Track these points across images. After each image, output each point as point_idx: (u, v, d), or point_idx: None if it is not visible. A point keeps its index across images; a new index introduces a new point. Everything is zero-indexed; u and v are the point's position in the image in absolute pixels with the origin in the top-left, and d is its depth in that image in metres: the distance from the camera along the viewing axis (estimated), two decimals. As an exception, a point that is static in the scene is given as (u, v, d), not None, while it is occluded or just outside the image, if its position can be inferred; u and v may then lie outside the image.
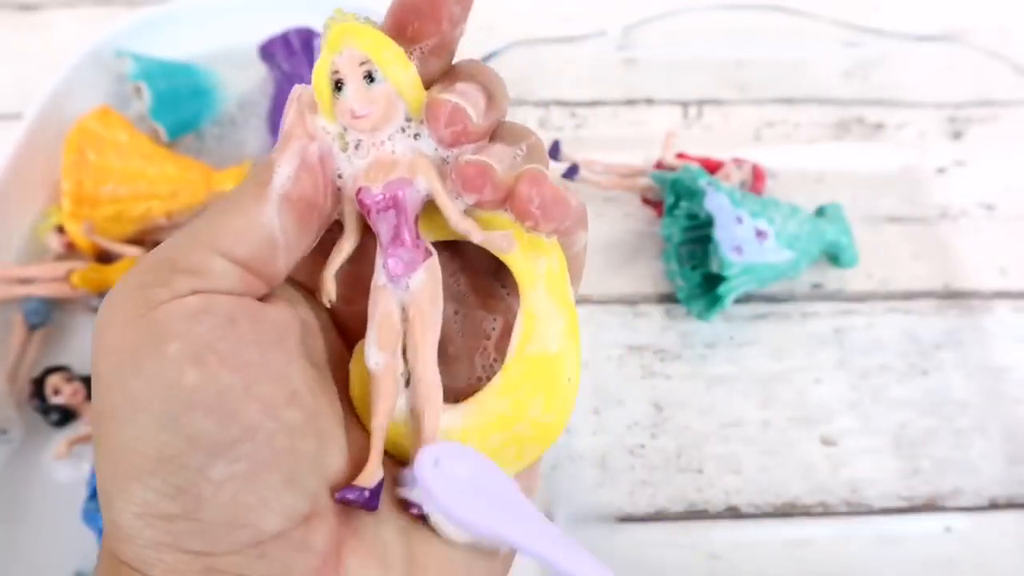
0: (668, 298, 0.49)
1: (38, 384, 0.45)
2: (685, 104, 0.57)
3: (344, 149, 0.22)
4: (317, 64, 0.21)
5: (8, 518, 0.42)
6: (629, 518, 0.43)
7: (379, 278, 0.22)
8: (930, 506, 0.44)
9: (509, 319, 0.23)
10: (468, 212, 0.21)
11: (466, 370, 0.24)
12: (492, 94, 0.22)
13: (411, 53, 0.21)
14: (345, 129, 0.22)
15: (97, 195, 0.49)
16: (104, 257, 0.49)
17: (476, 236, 0.21)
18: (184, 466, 0.19)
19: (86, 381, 0.45)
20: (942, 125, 0.56)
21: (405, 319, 0.22)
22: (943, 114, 0.56)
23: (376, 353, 0.22)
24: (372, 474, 0.21)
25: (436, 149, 0.22)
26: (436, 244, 0.23)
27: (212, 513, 0.19)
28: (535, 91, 0.56)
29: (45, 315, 0.47)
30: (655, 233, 0.51)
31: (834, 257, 0.50)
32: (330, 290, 0.22)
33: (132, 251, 0.48)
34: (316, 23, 0.54)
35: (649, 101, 0.57)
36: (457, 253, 0.24)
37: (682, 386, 0.47)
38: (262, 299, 0.22)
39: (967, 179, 0.54)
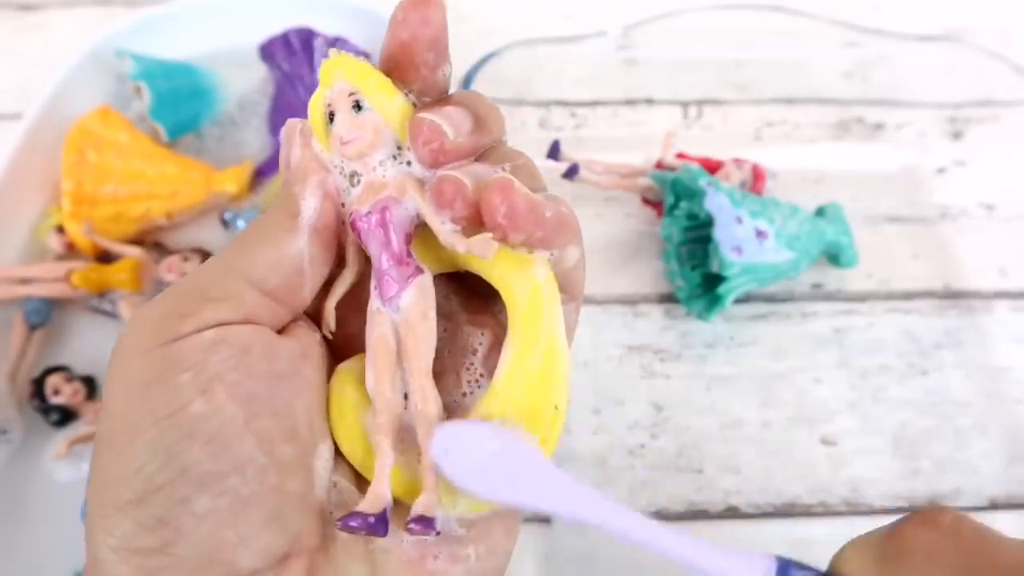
0: (668, 298, 0.49)
1: (38, 384, 0.45)
2: (685, 104, 0.57)
3: (347, 180, 0.22)
4: (312, 99, 0.22)
5: (8, 518, 0.42)
6: (629, 518, 0.42)
7: (373, 302, 0.22)
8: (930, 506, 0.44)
9: (499, 335, 0.23)
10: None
11: (452, 385, 0.24)
12: (481, 118, 0.22)
13: (406, 93, 0.22)
14: (342, 163, 0.22)
15: (97, 195, 0.49)
16: (104, 257, 0.49)
17: (460, 246, 0.21)
18: (169, 496, 0.19)
19: (86, 381, 0.45)
20: (942, 125, 0.56)
21: (398, 339, 0.22)
22: (943, 114, 0.56)
23: (372, 375, 0.22)
24: (378, 498, 0.21)
25: (425, 173, 0.22)
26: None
27: (189, 548, 0.19)
28: (535, 91, 0.56)
29: (45, 315, 0.47)
30: (655, 233, 0.51)
31: (834, 257, 0.50)
32: (331, 320, 0.23)
33: (132, 251, 0.48)
34: (316, 23, 0.54)
35: (649, 101, 0.57)
36: (453, 276, 0.25)
37: (682, 386, 0.47)
38: (280, 329, 0.22)
39: (967, 179, 0.54)
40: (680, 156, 0.52)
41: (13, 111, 0.52)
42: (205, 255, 0.48)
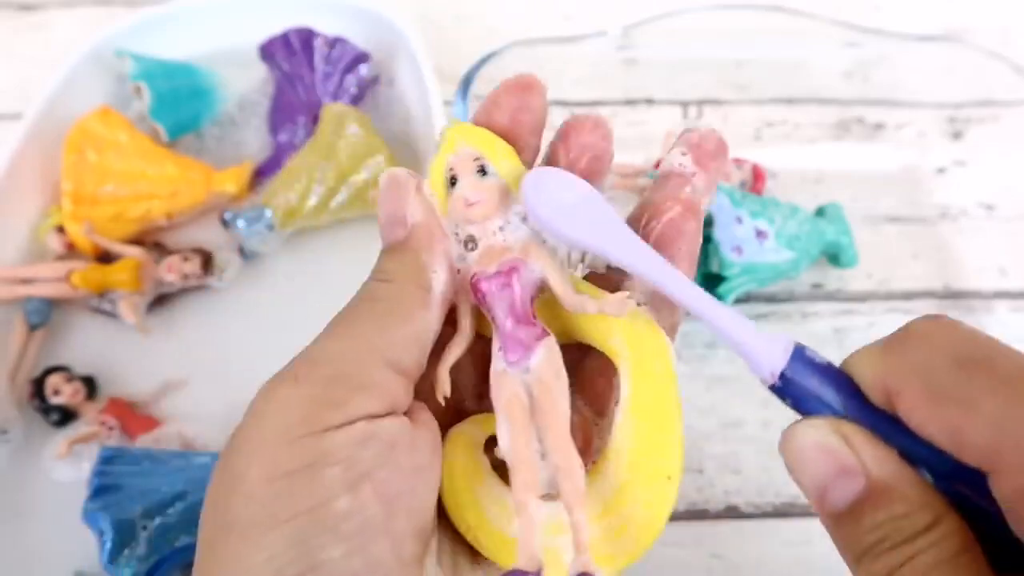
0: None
1: (38, 384, 0.45)
2: (685, 104, 0.57)
3: (460, 244, 0.23)
4: (433, 163, 0.23)
5: (8, 518, 0.42)
6: (629, 518, 0.43)
7: (497, 364, 0.22)
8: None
9: (592, 401, 0.23)
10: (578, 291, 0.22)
11: None
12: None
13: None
14: (456, 228, 0.22)
15: (97, 195, 0.49)
16: (104, 257, 0.49)
17: (591, 307, 0.21)
18: None
19: (86, 381, 0.45)
20: (942, 125, 0.56)
21: (530, 399, 0.21)
22: (943, 114, 0.56)
23: (507, 435, 0.21)
24: (532, 558, 0.20)
25: (544, 241, 0.22)
26: None
27: None
28: (535, 91, 0.56)
29: (45, 315, 0.47)
30: (655, 233, 0.51)
31: (834, 257, 0.50)
32: (446, 386, 0.22)
33: (132, 251, 0.48)
34: (316, 23, 0.54)
35: (649, 101, 0.57)
36: (564, 348, 0.24)
37: (682, 386, 0.46)
38: (407, 412, 0.21)
39: (967, 179, 0.54)
40: (680, 156, 0.52)
41: (13, 111, 0.52)
42: (205, 255, 0.48)
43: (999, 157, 0.55)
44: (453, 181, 0.22)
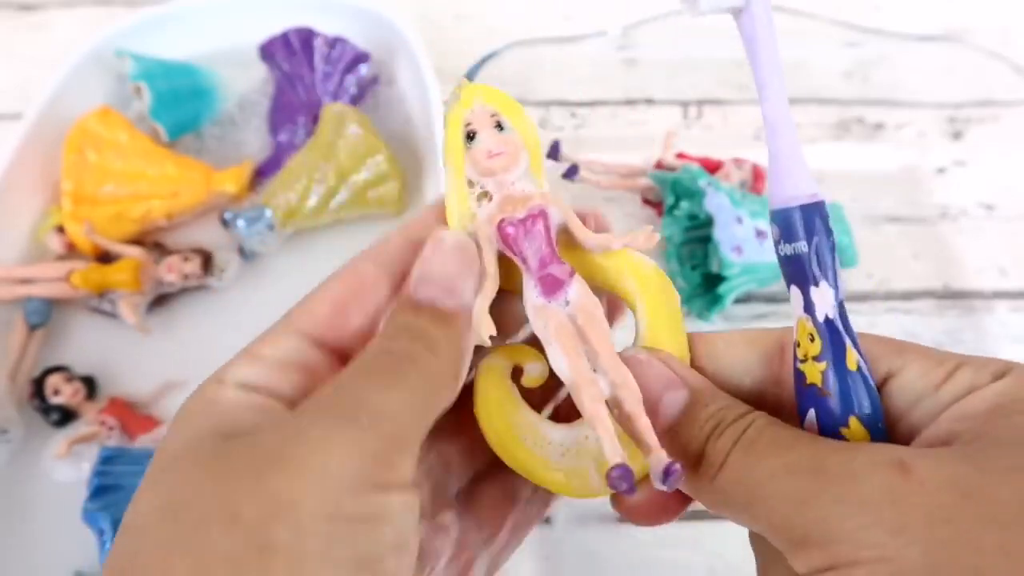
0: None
1: (38, 384, 0.45)
2: (685, 104, 0.57)
3: (476, 199, 0.24)
4: (449, 116, 0.24)
5: (8, 518, 0.42)
6: (629, 518, 0.42)
7: (535, 300, 0.23)
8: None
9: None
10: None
11: None
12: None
13: None
14: (471, 183, 0.24)
15: (97, 195, 0.49)
16: (104, 257, 0.49)
17: (616, 243, 0.24)
18: None
19: (86, 381, 0.45)
20: (942, 125, 0.56)
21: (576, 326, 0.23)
22: (943, 114, 0.56)
23: (564, 359, 0.22)
24: (620, 453, 0.21)
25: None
26: None
27: None
28: (535, 91, 0.56)
29: (45, 315, 0.47)
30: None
31: (834, 257, 0.50)
32: (490, 326, 0.23)
33: (132, 251, 0.48)
34: (316, 23, 0.54)
35: (649, 101, 0.57)
36: None
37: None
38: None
39: (967, 179, 0.54)
40: (680, 156, 0.52)
41: (13, 111, 0.52)
42: (205, 255, 0.48)
43: (999, 157, 0.55)
44: (471, 136, 0.24)
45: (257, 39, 0.55)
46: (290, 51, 0.55)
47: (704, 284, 0.48)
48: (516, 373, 0.24)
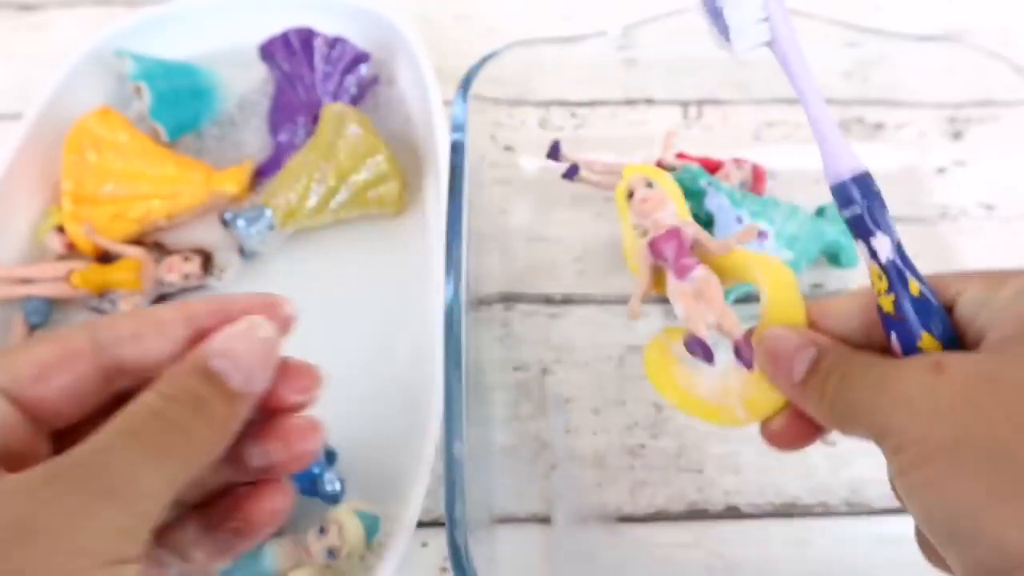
0: (668, 298, 0.49)
1: (38, 384, 0.44)
2: (685, 104, 0.57)
3: (640, 236, 0.33)
4: (619, 187, 0.34)
5: None
6: (629, 518, 0.43)
7: (672, 283, 0.32)
8: (930, 506, 0.44)
9: None
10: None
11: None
12: None
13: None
14: (635, 226, 0.34)
15: (97, 195, 0.49)
16: (104, 257, 0.49)
17: (732, 241, 0.32)
18: None
19: (86, 381, 0.45)
20: (942, 125, 0.56)
21: (699, 294, 0.32)
22: (943, 114, 0.56)
23: (682, 308, 0.32)
24: (703, 332, 0.31)
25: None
26: None
27: None
28: (535, 91, 0.56)
29: (45, 315, 0.47)
30: (655, 233, 0.51)
31: (834, 257, 0.50)
32: (638, 311, 0.33)
33: (132, 251, 0.48)
34: (316, 23, 0.54)
35: (649, 101, 0.57)
36: None
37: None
38: None
39: (967, 179, 0.54)
40: (680, 156, 0.52)
41: (13, 111, 0.52)
42: (205, 255, 0.48)
43: (999, 157, 0.55)
44: (631, 194, 0.34)
45: (257, 39, 0.55)
46: (290, 51, 0.55)
47: (704, 284, 0.48)
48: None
